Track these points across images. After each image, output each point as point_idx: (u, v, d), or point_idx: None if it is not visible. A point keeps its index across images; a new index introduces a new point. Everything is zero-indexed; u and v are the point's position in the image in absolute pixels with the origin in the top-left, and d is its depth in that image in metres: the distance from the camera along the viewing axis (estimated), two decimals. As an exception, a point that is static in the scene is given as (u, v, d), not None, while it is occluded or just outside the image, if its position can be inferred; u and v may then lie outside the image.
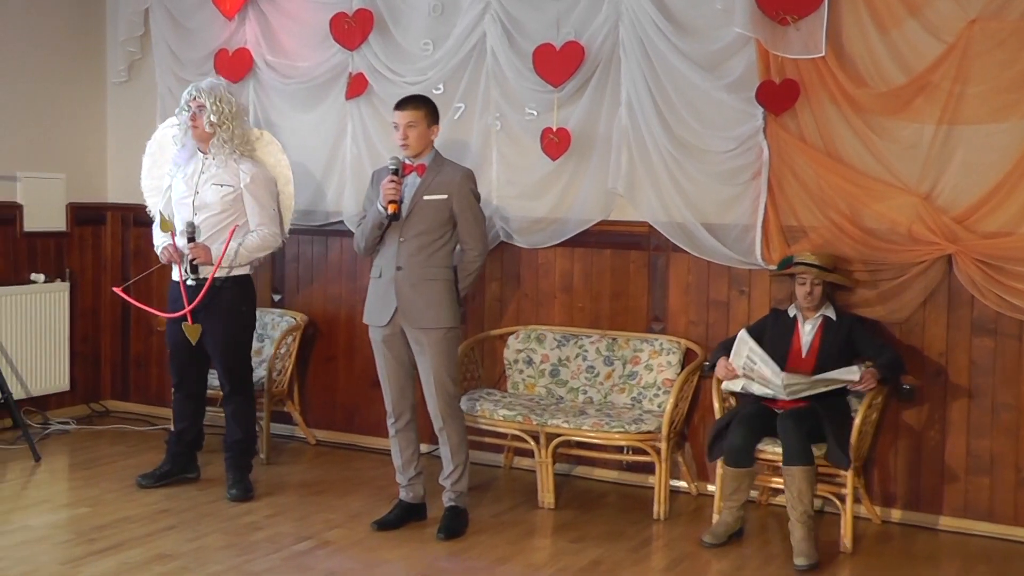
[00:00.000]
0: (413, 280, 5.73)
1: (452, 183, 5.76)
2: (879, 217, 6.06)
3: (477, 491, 6.50)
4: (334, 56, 7.46)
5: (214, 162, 6.35)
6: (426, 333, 5.76)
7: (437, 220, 5.75)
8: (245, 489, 6.45)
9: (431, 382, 5.81)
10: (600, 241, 6.86)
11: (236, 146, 6.39)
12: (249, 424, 6.57)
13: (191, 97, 6.34)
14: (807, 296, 5.92)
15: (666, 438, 6.18)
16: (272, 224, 6.43)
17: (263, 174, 6.46)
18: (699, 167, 6.47)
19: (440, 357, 5.78)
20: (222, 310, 6.34)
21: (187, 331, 6.29)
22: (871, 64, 6.08)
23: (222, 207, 6.30)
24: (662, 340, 6.66)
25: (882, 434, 6.18)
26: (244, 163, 6.39)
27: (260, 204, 6.39)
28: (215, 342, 6.37)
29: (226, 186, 6.31)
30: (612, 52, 6.66)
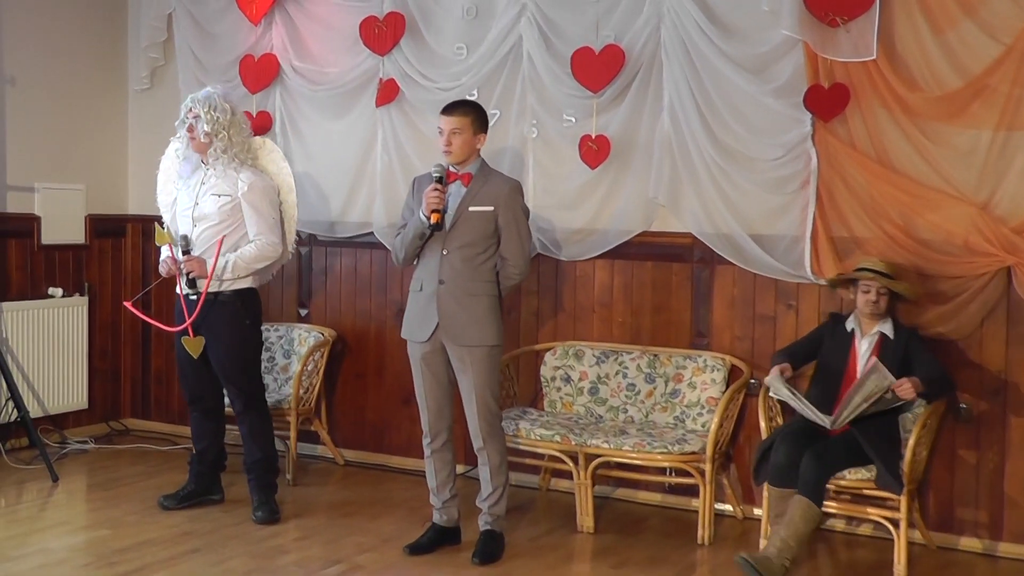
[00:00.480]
0: (456, 295, 5.75)
1: (499, 195, 5.77)
2: (934, 228, 6.04)
3: (513, 514, 6.49)
4: (364, 61, 7.50)
5: (214, 172, 6.42)
6: (469, 351, 5.77)
7: (482, 232, 5.76)
8: (271, 511, 6.48)
9: (473, 401, 5.82)
10: (641, 253, 6.87)
11: (235, 155, 6.44)
12: (267, 442, 6.60)
13: (187, 108, 6.43)
14: (872, 304, 5.87)
15: (710, 459, 6.17)
16: (271, 234, 6.45)
17: (262, 182, 6.49)
18: (745, 175, 6.48)
19: (483, 375, 5.79)
20: (223, 324, 6.38)
21: (187, 345, 6.36)
22: (925, 67, 6.07)
23: (220, 217, 6.35)
24: (706, 356, 6.66)
25: (937, 456, 6.15)
26: (244, 172, 6.44)
27: (258, 213, 6.42)
28: (217, 357, 6.42)
29: (224, 196, 6.37)
30: (654, 55, 6.68)
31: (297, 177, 7.57)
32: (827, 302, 6.38)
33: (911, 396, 5.64)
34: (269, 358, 7.75)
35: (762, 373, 6.45)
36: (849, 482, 5.72)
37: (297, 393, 7.28)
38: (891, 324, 5.96)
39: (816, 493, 5.54)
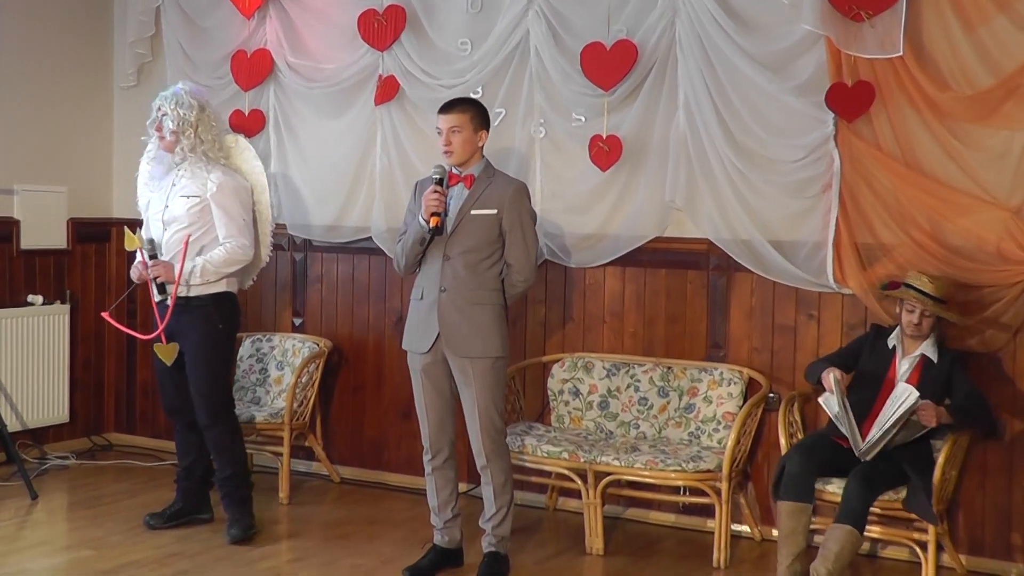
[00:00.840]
0: (459, 303, 5.70)
1: (503, 197, 5.73)
2: (964, 234, 6.00)
3: (519, 534, 6.46)
4: (363, 57, 7.49)
5: (183, 173, 6.39)
6: (472, 362, 5.72)
7: (485, 237, 5.72)
8: (245, 527, 6.43)
9: (476, 416, 5.76)
10: (654, 260, 6.85)
11: (204, 153, 6.40)
12: (237, 455, 6.54)
13: (156, 107, 6.41)
14: (914, 326, 5.83)
15: (727, 478, 6.14)
16: (241, 236, 6.40)
17: (233, 182, 6.45)
18: (764, 178, 6.45)
19: (486, 389, 5.74)
20: (193, 329, 6.35)
21: (159, 352, 6.33)
22: (955, 65, 6.03)
23: (189, 220, 6.32)
24: (722, 369, 6.63)
25: (968, 475, 6.11)
26: (214, 172, 6.40)
27: (228, 215, 6.38)
28: (191, 366, 6.38)
29: (192, 197, 6.34)
30: (668, 51, 6.66)
31: (291, 179, 7.58)
32: (850, 312, 6.36)
33: (931, 423, 5.60)
34: (261, 370, 7.74)
35: (781, 386, 6.50)
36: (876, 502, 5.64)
37: (291, 407, 7.25)
38: (935, 345, 5.89)
39: (861, 520, 5.50)
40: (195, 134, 6.35)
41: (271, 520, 6.83)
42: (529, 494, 7.05)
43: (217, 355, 6.46)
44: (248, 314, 7.90)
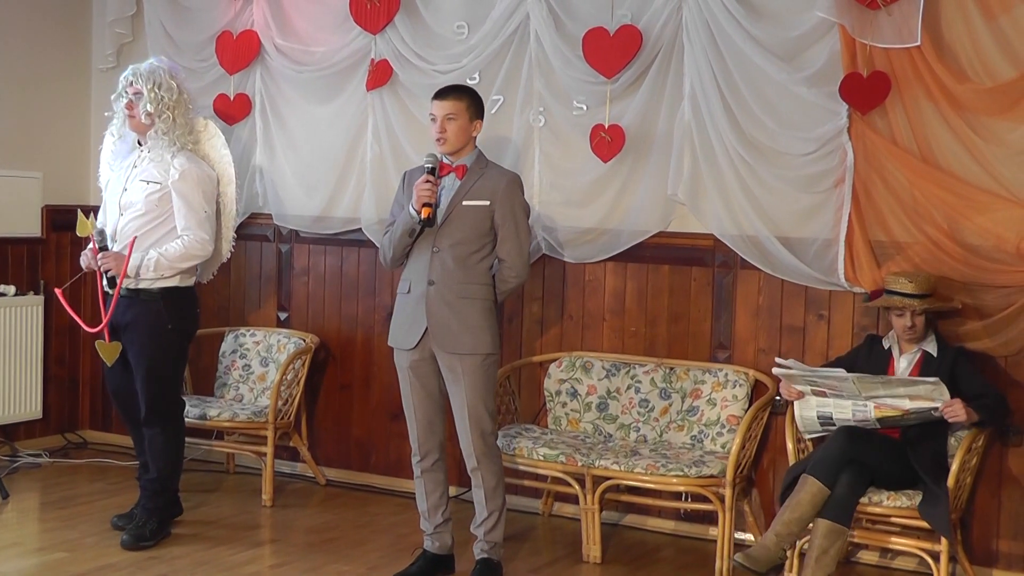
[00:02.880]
0: (447, 298, 5.72)
1: (496, 188, 5.76)
2: (983, 232, 6.02)
3: (513, 541, 6.48)
4: (354, 40, 7.49)
5: (148, 155, 6.36)
6: (460, 359, 5.73)
7: (477, 229, 5.74)
8: (140, 536, 6.33)
9: (465, 416, 5.77)
10: (657, 256, 6.86)
11: (176, 137, 6.37)
12: (167, 461, 6.47)
13: (128, 82, 6.35)
14: (908, 330, 5.87)
15: (731, 484, 6.14)
16: (200, 229, 6.35)
17: (197, 171, 6.40)
18: (773, 172, 6.46)
19: (476, 387, 5.75)
20: (143, 326, 6.29)
21: (101, 350, 6.30)
22: (974, 55, 6.04)
23: (146, 207, 6.28)
24: (727, 371, 6.65)
25: (982, 483, 6.12)
26: (178, 157, 6.36)
27: (188, 205, 6.34)
28: (136, 363, 6.32)
29: (152, 183, 6.29)
30: (674, 38, 6.66)
31: (278, 167, 7.68)
32: (861, 313, 6.38)
33: (962, 419, 5.62)
34: (244, 366, 7.74)
35: (789, 389, 6.47)
36: (886, 509, 5.70)
37: (275, 405, 7.25)
38: (935, 341, 5.94)
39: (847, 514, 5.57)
40: (172, 118, 6.32)
41: (253, 523, 6.85)
42: (524, 499, 7.09)
43: (162, 355, 6.37)
44: (231, 308, 7.94)
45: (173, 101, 6.34)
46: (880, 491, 5.69)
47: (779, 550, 5.66)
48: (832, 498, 5.57)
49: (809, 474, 5.64)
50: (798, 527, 5.64)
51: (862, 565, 6.38)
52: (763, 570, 5.61)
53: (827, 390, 5.80)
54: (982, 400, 5.73)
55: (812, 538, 5.59)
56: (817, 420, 5.89)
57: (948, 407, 5.58)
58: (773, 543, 5.64)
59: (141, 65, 6.42)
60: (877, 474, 5.67)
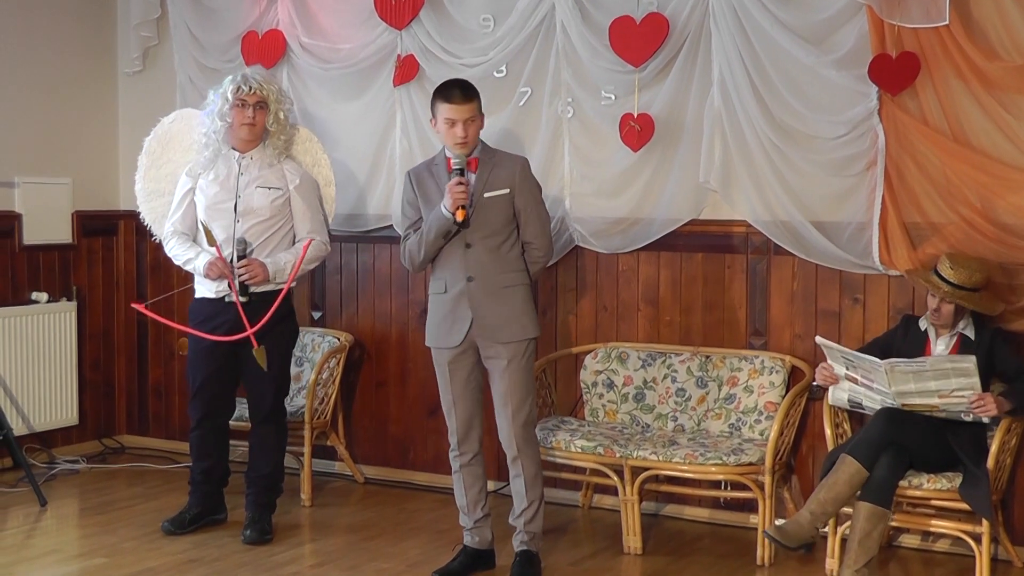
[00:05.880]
0: (490, 289, 5.87)
1: (512, 175, 5.91)
2: (1017, 211, 6.09)
3: (552, 534, 6.60)
4: (380, 36, 7.58)
5: (255, 163, 6.56)
6: (507, 347, 5.89)
7: (502, 219, 5.89)
8: (262, 531, 6.62)
9: (508, 404, 5.92)
10: (690, 244, 6.97)
11: (283, 145, 6.66)
12: (279, 457, 6.78)
13: (250, 90, 6.49)
14: (933, 313, 5.97)
15: (770, 471, 6.24)
16: (323, 231, 6.69)
17: (310, 176, 6.73)
18: (805, 156, 6.54)
19: (521, 374, 5.91)
20: (278, 329, 6.56)
21: (258, 357, 6.47)
22: (1004, 33, 6.11)
23: (271, 212, 6.53)
24: (763, 357, 6.75)
25: (1023, 463, 6.20)
26: (288, 163, 6.64)
27: (312, 209, 6.66)
28: (267, 362, 6.51)
29: (274, 189, 6.54)
30: (701, 25, 6.75)
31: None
32: (897, 296, 6.47)
33: (992, 413, 5.71)
34: None
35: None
36: (926, 492, 5.79)
37: (311, 404, 7.38)
38: (971, 324, 6.02)
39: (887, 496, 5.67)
40: (286, 128, 6.63)
41: (293, 523, 6.96)
42: (562, 492, 7.18)
43: (286, 354, 6.76)
44: None
45: (290, 110, 6.68)
46: (920, 474, 5.77)
47: (812, 528, 5.76)
48: (872, 481, 5.66)
49: (848, 455, 5.72)
50: (833, 507, 5.74)
51: (904, 549, 6.47)
52: (794, 545, 5.74)
53: (859, 376, 5.90)
54: (1019, 384, 5.82)
55: (854, 521, 5.68)
56: (848, 402, 6.03)
57: (977, 403, 5.67)
58: (807, 520, 5.74)
59: (256, 74, 6.60)
60: (916, 457, 5.75)
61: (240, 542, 6.58)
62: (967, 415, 5.75)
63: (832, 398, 6.10)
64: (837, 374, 6.01)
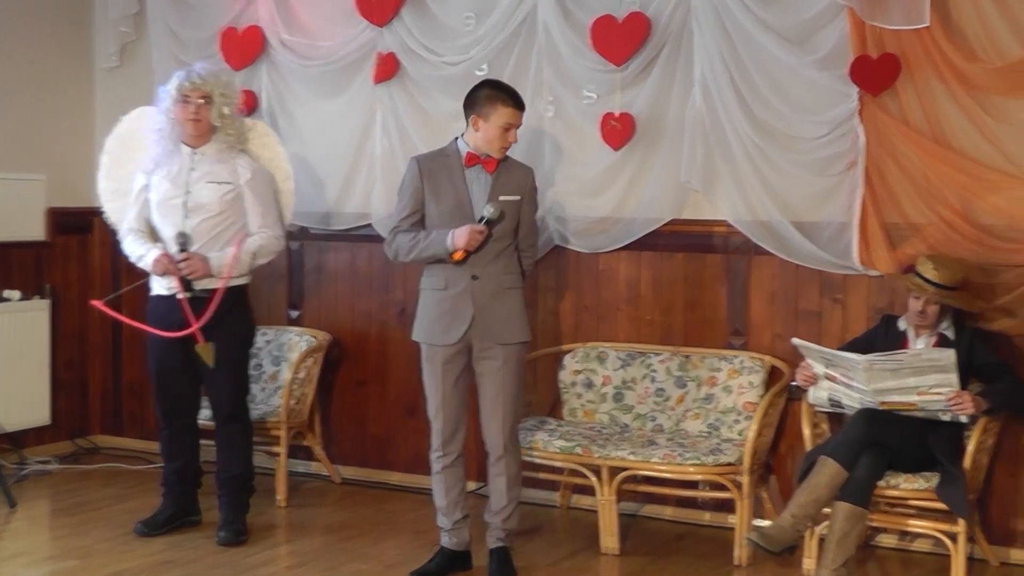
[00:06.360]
0: (492, 290, 5.95)
1: (524, 183, 6.04)
2: (996, 212, 6.17)
3: (530, 535, 6.67)
4: (361, 33, 7.60)
5: (207, 158, 6.56)
6: (504, 349, 5.98)
7: (511, 223, 5.99)
8: (237, 532, 6.64)
9: (499, 403, 6.00)
10: (671, 244, 7.02)
11: (235, 140, 6.64)
12: (247, 456, 6.80)
13: (192, 87, 6.50)
14: (919, 315, 6.03)
15: (748, 471, 6.31)
16: (276, 226, 6.68)
17: (264, 170, 6.71)
18: (786, 156, 6.61)
19: (514, 374, 6.01)
20: (226, 325, 6.54)
21: (202, 353, 6.47)
22: (984, 35, 6.19)
23: (220, 208, 6.51)
24: (743, 357, 6.81)
25: (999, 462, 6.26)
26: (241, 158, 6.64)
27: (264, 203, 6.63)
28: (220, 362, 6.53)
29: (224, 183, 6.52)
30: (683, 24, 6.81)
31: None
32: (877, 296, 6.53)
33: (970, 411, 5.77)
34: (256, 365, 7.79)
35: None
36: (903, 492, 5.86)
37: (287, 404, 7.39)
38: (951, 323, 6.09)
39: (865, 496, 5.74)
40: (234, 122, 6.61)
41: (268, 524, 6.97)
42: (541, 492, 7.20)
43: (246, 350, 6.77)
44: None
45: (238, 104, 6.68)
46: (897, 474, 5.83)
47: (794, 531, 5.82)
48: (851, 481, 5.72)
49: (828, 456, 5.78)
50: (815, 508, 5.79)
51: (881, 548, 6.53)
52: (776, 550, 5.78)
53: (839, 375, 5.97)
54: (997, 384, 5.90)
55: (832, 521, 5.74)
56: (828, 401, 6.09)
57: (955, 400, 5.74)
58: (789, 524, 5.80)
59: (201, 70, 6.60)
60: (896, 457, 5.82)
61: (215, 543, 6.58)
62: (945, 414, 5.82)
63: (812, 398, 6.16)
64: (816, 373, 6.08)
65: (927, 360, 5.77)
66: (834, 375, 6.01)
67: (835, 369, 5.99)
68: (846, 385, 5.98)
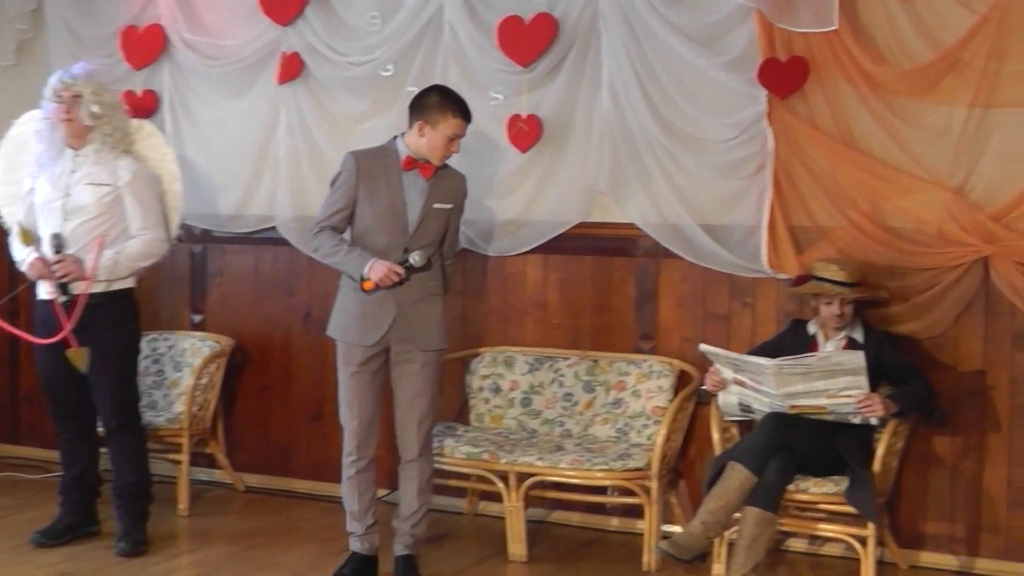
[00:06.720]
0: (416, 295, 5.96)
1: (458, 192, 6.10)
2: (904, 215, 6.22)
3: (436, 542, 6.64)
4: (264, 32, 7.56)
5: (87, 159, 6.46)
6: (424, 354, 6.00)
7: (440, 230, 6.03)
8: (137, 542, 6.54)
9: (416, 407, 6.02)
10: (579, 246, 7.02)
11: (118, 140, 6.52)
12: (142, 463, 6.69)
13: (63, 86, 6.41)
14: (837, 318, 6.06)
15: (657, 476, 6.30)
16: (157, 228, 6.55)
17: (146, 171, 6.60)
18: (694, 159, 6.63)
19: (431, 379, 6.04)
20: (108, 329, 6.43)
21: (72, 358, 6.36)
22: (892, 38, 6.25)
23: (99, 210, 6.40)
24: (652, 361, 6.81)
25: (909, 465, 6.33)
26: (123, 159, 6.52)
27: (144, 206, 6.51)
28: (101, 368, 6.43)
29: (103, 185, 6.42)
30: (591, 25, 6.81)
31: (189, 165, 7.58)
32: (786, 299, 6.56)
33: (879, 414, 5.80)
34: (158, 371, 7.76)
35: (715, 379, 6.65)
36: (812, 496, 5.90)
37: (189, 410, 7.32)
38: (860, 326, 6.14)
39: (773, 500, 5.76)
40: (111, 122, 6.47)
41: (170, 534, 6.89)
42: (448, 499, 7.16)
43: (130, 355, 6.62)
44: (143, 312, 7.57)
45: (113, 103, 6.52)
46: (807, 478, 5.87)
47: (704, 538, 5.84)
48: (760, 486, 5.74)
49: (737, 461, 5.81)
50: (724, 515, 5.81)
51: (791, 553, 6.57)
52: (687, 558, 5.80)
53: (747, 380, 5.99)
54: (906, 387, 5.94)
55: (741, 527, 5.76)
56: (737, 406, 6.11)
57: (864, 402, 5.77)
58: (699, 531, 5.81)
59: (75, 69, 6.50)
60: (805, 460, 5.85)
61: (114, 554, 6.49)
62: (855, 417, 5.85)
63: (722, 405, 6.18)
64: (725, 378, 6.09)
65: (836, 363, 5.80)
66: (743, 380, 6.03)
67: (744, 374, 6.00)
68: (755, 390, 6.00)
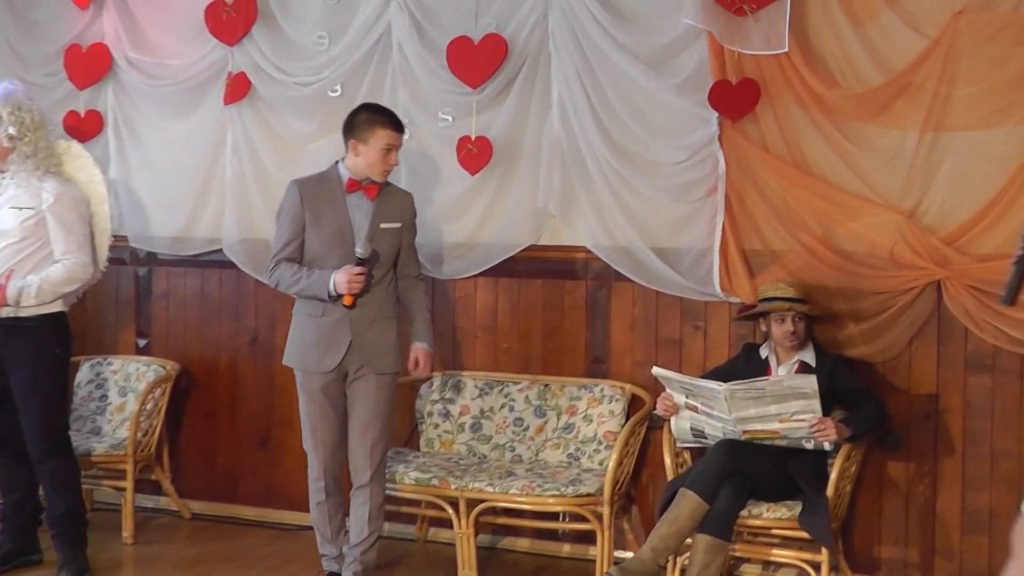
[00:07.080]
0: (370, 318, 5.98)
1: (406, 210, 6.12)
2: (856, 238, 6.25)
3: (386, 569, 6.61)
4: (211, 52, 7.54)
5: (13, 182, 6.40)
6: (379, 377, 6.02)
7: (392, 250, 6.05)
8: (79, 571, 6.47)
9: (369, 431, 6.05)
10: (529, 270, 7.02)
11: (40, 161, 6.44)
12: (74, 491, 6.59)
13: None
14: (790, 335, 6.07)
15: (609, 502, 6.28)
16: (81, 252, 6.46)
17: (70, 193, 6.52)
18: (645, 182, 6.63)
19: (385, 403, 6.08)
20: (29, 354, 6.36)
21: None
22: (843, 61, 6.28)
23: (23, 234, 6.33)
24: (603, 386, 6.80)
25: (862, 490, 6.34)
26: (48, 181, 6.44)
27: (67, 229, 6.43)
28: (25, 394, 6.36)
29: (26, 209, 6.35)
30: (540, 47, 6.82)
31: (133, 186, 7.60)
32: (738, 323, 6.55)
33: (832, 438, 5.80)
34: (101, 396, 7.71)
35: (666, 404, 6.64)
36: (766, 521, 5.89)
37: (134, 436, 7.24)
38: (812, 350, 6.16)
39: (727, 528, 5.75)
40: (34, 141, 6.39)
41: (114, 562, 6.85)
42: (398, 525, 7.14)
43: (54, 382, 6.48)
44: (86, 335, 7.87)
45: (34, 123, 6.43)
46: (760, 503, 5.86)
47: (654, 564, 5.81)
48: (712, 512, 5.73)
49: (688, 488, 5.78)
50: (675, 541, 5.80)
51: (745, 582, 6.57)
52: None
53: (699, 405, 5.97)
54: (859, 410, 5.95)
55: (693, 554, 5.75)
56: (690, 432, 6.09)
57: (817, 427, 5.77)
58: (649, 557, 5.79)
59: None
60: (758, 486, 5.84)
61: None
62: (808, 442, 5.85)
63: (675, 430, 6.15)
64: (677, 403, 6.08)
65: (789, 387, 5.79)
66: (695, 405, 6.02)
67: (696, 399, 5.99)
68: (707, 415, 5.99)
